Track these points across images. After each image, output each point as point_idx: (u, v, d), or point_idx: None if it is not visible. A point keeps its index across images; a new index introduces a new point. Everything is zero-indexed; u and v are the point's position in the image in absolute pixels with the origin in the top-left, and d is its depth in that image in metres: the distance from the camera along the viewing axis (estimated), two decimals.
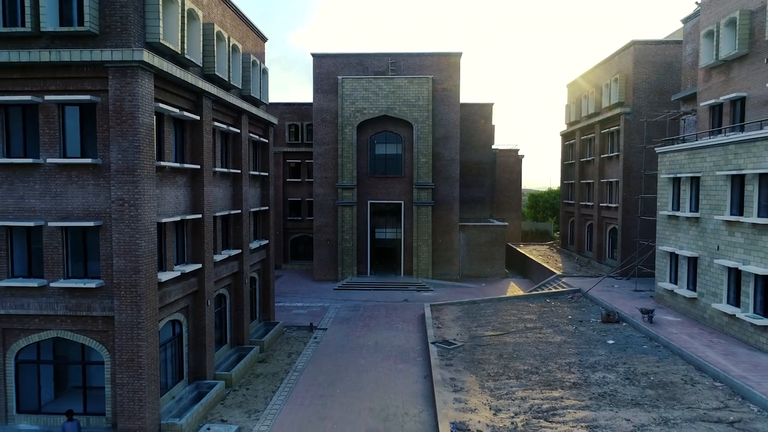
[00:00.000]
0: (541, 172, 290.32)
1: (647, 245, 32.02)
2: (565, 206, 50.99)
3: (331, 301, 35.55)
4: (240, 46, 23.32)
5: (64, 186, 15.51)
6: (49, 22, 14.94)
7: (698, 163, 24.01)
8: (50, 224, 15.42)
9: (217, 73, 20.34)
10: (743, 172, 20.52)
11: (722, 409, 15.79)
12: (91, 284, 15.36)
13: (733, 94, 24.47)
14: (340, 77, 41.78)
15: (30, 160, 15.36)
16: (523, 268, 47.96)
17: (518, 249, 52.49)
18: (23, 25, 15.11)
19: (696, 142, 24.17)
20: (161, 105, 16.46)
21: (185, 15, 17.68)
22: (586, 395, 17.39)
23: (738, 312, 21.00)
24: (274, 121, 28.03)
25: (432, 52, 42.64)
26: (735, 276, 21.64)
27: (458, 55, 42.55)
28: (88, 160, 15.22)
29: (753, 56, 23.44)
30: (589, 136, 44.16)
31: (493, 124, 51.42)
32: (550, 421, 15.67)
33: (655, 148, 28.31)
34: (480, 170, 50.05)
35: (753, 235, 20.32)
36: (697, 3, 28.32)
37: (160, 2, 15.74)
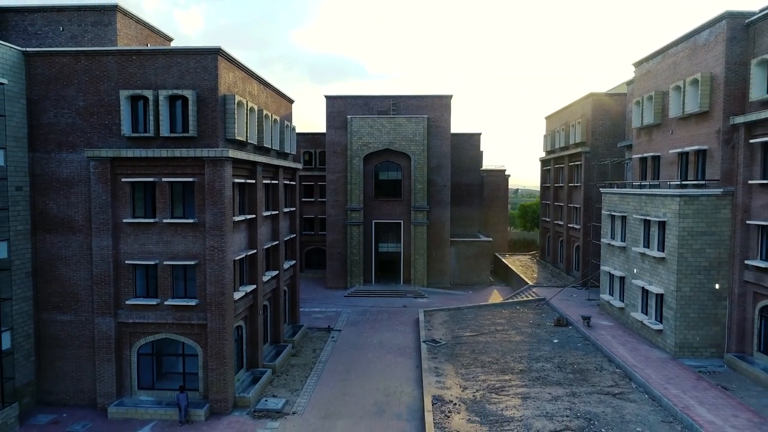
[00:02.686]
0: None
1: (597, 263, 39.61)
2: (543, 222, 58.66)
3: (343, 307, 43.17)
4: (278, 118, 30.97)
5: (172, 237, 23.18)
6: (165, 130, 22.61)
7: (625, 206, 31.64)
8: (164, 263, 23.11)
9: (264, 144, 27.99)
10: (648, 217, 28.15)
11: (613, 387, 23.48)
12: (192, 302, 23.06)
13: (652, 153, 32.08)
14: (349, 116, 49.39)
15: (150, 220, 23.04)
16: (506, 277, 55.58)
17: (503, 259, 60.09)
18: (146, 131, 22.83)
19: (623, 189, 31.83)
20: (234, 179, 24.11)
21: (248, 112, 25.32)
22: (527, 378, 25.06)
23: (645, 319, 28.67)
24: (300, 167, 35.67)
25: (427, 95, 50.32)
26: (644, 293, 29.30)
27: (449, 97, 50.18)
28: (190, 220, 22.89)
29: (664, 126, 31.02)
30: (561, 165, 51.77)
31: (481, 150, 59.12)
32: (498, 394, 23.36)
33: (600, 188, 35.91)
34: (470, 191, 57.67)
35: (654, 264, 27.97)
36: (634, 73, 35.77)
37: (236, 111, 23.41)
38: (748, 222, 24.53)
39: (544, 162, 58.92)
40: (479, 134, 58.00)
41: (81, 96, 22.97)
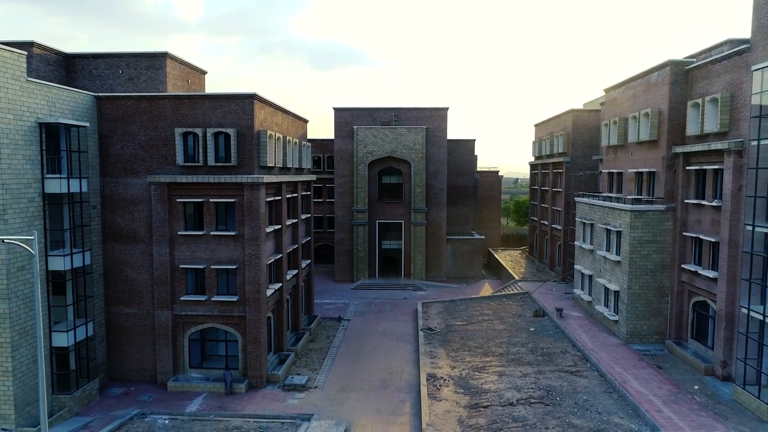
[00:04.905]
0: None
1: (573, 262, 45.12)
2: (532, 221, 64.16)
3: (350, 299, 48.79)
4: (297, 140, 36.37)
5: (217, 246, 28.72)
6: (211, 160, 28.05)
7: (593, 214, 37.10)
8: (210, 266, 28.67)
9: (287, 165, 33.42)
10: (609, 226, 33.64)
11: (572, 366, 29.14)
12: (233, 299, 28.67)
13: (617, 170, 37.48)
14: (355, 127, 54.75)
15: (199, 232, 28.56)
16: (498, 271, 61.18)
17: (495, 254, 65.68)
18: (196, 161, 28.27)
19: (592, 200, 37.27)
20: (265, 198, 29.57)
21: (275, 141, 30.72)
22: (504, 359, 30.72)
23: (606, 311, 34.29)
24: (314, 178, 41.10)
25: (426, 107, 55.65)
26: (606, 289, 34.88)
27: (446, 109, 55.48)
28: (231, 232, 28.41)
29: (625, 148, 36.40)
30: (546, 171, 57.15)
31: (475, 154, 64.51)
32: (480, 372, 29.02)
33: (575, 197, 41.35)
34: (465, 192, 63.10)
35: (612, 265, 33.53)
36: (605, 98, 40.98)
37: (267, 142, 28.82)
38: (684, 233, 30.01)
39: (533, 166, 64.27)
40: (473, 140, 63.32)
41: (142, 132, 28.37)
